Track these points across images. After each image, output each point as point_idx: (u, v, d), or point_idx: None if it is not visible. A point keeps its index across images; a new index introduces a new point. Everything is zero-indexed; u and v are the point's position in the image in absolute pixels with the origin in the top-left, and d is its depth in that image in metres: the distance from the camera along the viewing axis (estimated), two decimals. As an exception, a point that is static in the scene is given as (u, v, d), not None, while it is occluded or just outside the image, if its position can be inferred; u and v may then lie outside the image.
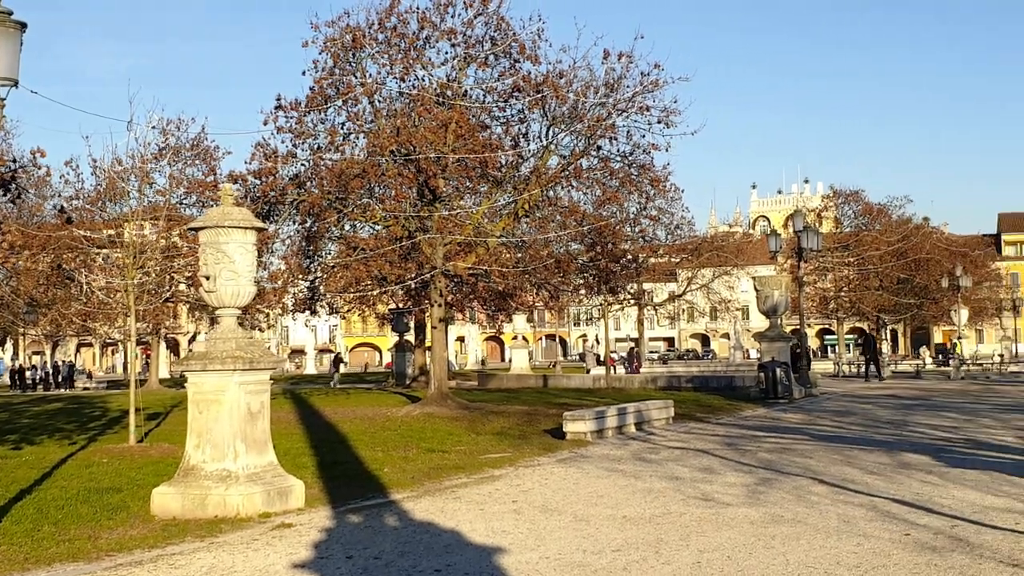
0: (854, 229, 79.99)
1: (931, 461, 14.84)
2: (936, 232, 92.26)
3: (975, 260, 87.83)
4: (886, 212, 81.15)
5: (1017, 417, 22.69)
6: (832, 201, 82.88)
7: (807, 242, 34.85)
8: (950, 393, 32.89)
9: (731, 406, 27.68)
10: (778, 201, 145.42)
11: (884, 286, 76.26)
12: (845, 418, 23.48)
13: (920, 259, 76.57)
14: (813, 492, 12.21)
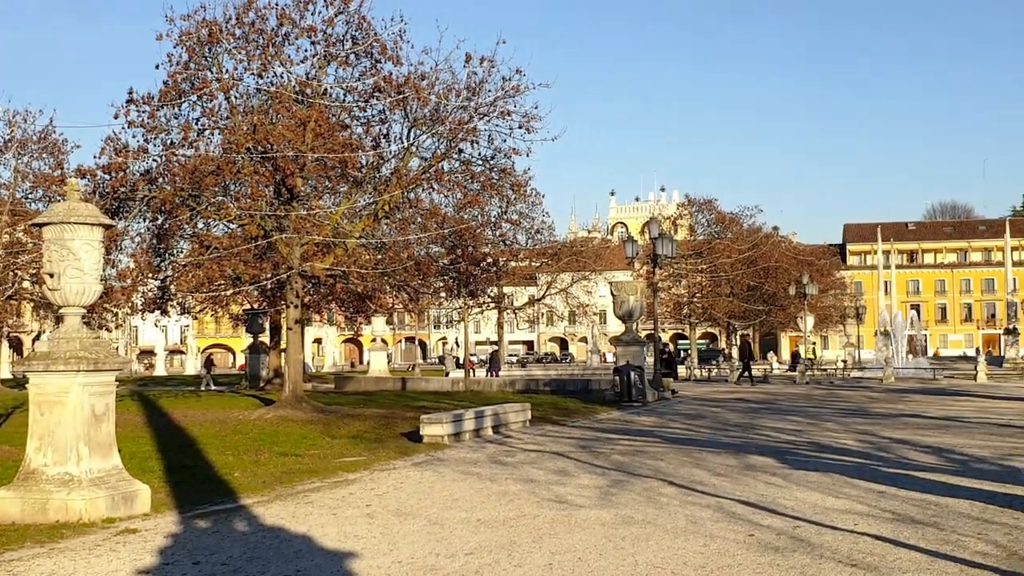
0: (707, 237, 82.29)
1: (776, 463, 15.35)
2: (785, 241, 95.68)
3: (821, 269, 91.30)
4: (738, 221, 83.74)
5: (858, 421, 23.69)
6: (687, 209, 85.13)
7: (662, 249, 35.64)
8: (795, 397, 34.09)
9: (587, 409, 28.08)
10: (636, 208, 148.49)
11: (735, 293, 78.67)
12: (696, 421, 24.10)
13: (769, 267, 79.23)
14: (663, 494, 12.49)
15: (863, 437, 19.59)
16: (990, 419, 23.56)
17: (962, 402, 30.32)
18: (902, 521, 10.48)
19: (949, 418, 23.99)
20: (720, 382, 47.19)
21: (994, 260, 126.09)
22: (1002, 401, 30.49)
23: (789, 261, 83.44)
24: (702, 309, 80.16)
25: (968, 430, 20.80)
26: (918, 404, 29.58)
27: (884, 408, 28.01)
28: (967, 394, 34.56)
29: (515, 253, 57.82)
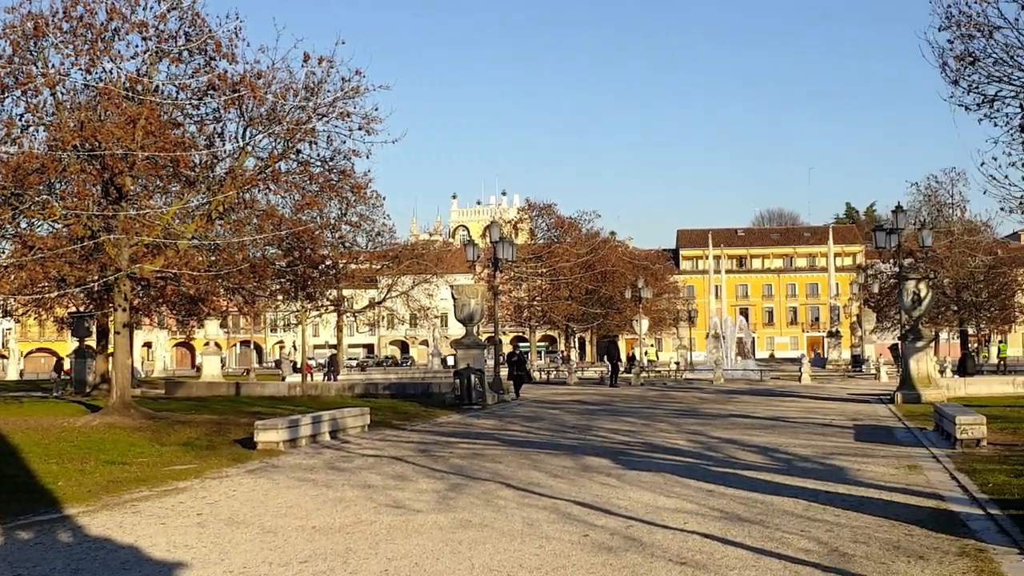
0: (547, 241, 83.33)
1: (611, 464, 15.68)
2: (621, 246, 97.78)
3: (656, 273, 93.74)
4: (577, 225, 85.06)
5: (689, 421, 24.41)
6: (527, 213, 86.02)
7: (503, 252, 35.92)
8: (630, 399, 34.87)
9: (427, 413, 28.06)
10: (477, 212, 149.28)
11: (573, 296, 79.89)
12: (534, 423, 24.38)
13: (606, 271, 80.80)
14: (501, 496, 12.59)
15: (694, 437, 20.20)
16: (814, 419, 24.63)
17: (788, 403, 31.59)
18: (730, 519, 10.85)
19: (775, 418, 24.96)
20: (559, 384, 47.85)
21: (818, 266, 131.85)
22: (825, 401, 31.92)
23: (625, 265, 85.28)
24: (542, 312, 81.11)
25: (793, 430, 21.70)
26: (746, 405, 30.67)
27: (714, 409, 28.93)
28: (792, 395, 36.04)
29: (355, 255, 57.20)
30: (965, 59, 18.44)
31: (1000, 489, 12.31)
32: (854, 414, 26.30)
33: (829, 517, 10.93)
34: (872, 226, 53.65)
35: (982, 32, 18.07)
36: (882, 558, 8.92)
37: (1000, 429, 19.69)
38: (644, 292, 61.86)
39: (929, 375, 31.37)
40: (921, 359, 31.29)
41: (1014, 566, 8.53)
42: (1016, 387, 33.10)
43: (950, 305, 62.88)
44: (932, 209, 63.33)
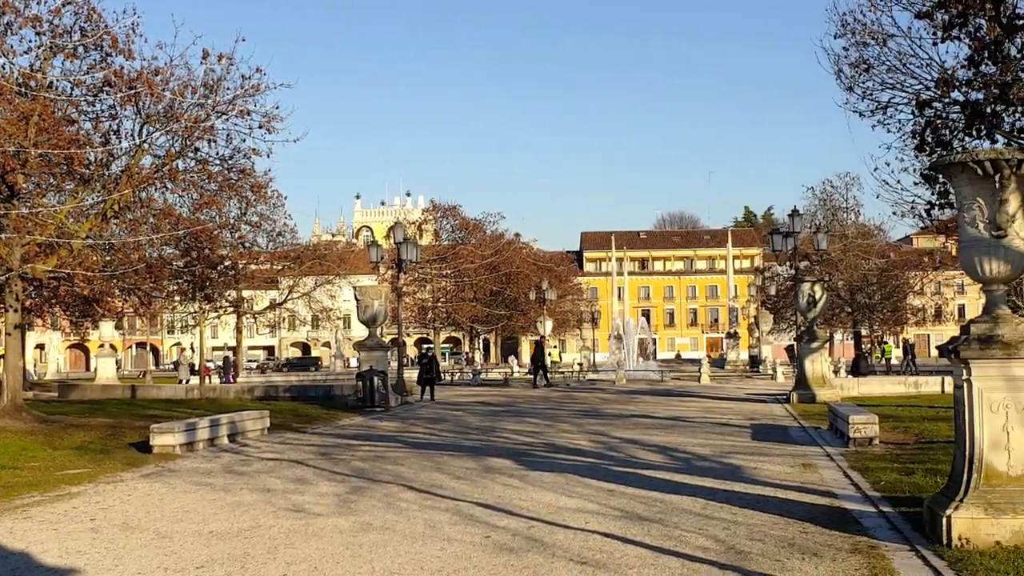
0: (452, 242, 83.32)
1: (513, 465, 15.74)
2: (526, 247, 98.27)
3: (560, 275, 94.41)
4: (481, 227, 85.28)
5: (591, 422, 24.62)
6: (432, 214, 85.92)
7: (407, 253, 35.78)
8: (534, 400, 35.04)
9: (328, 415, 27.79)
10: (381, 212, 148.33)
11: (478, 297, 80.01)
12: (438, 425, 24.33)
13: (511, 272, 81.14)
14: (403, 499, 12.54)
15: (596, 437, 20.39)
16: (712, 419, 25.05)
17: (687, 403, 32.07)
18: (630, 518, 10.98)
19: (675, 418, 25.32)
20: (463, 386, 47.84)
21: (718, 268, 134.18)
22: (723, 401, 32.49)
23: (530, 267, 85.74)
24: (446, 313, 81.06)
25: (692, 429, 22.05)
26: (647, 405, 31.05)
27: (616, 409, 29.23)
28: (692, 395, 36.60)
29: (255, 256, 56.51)
30: (859, 66, 18.95)
31: (892, 487, 12.68)
32: (751, 414, 26.83)
33: (726, 515, 11.13)
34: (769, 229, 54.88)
35: (876, 40, 18.59)
36: (777, 555, 9.12)
37: (892, 428, 20.30)
38: (548, 293, 62.22)
39: (823, 375, 32.16)
40: (816, 360, 32.06)
41: (905, 563, 8.79)
42: (908, 387, 34.15)
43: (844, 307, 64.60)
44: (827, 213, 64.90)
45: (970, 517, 9.13)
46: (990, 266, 9.50)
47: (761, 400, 32.79)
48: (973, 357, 9.46)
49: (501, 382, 51.25)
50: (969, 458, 9.44)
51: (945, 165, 9.86)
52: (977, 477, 9.34)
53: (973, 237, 9.57)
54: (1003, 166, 9.28)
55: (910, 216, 20.71)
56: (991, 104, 15.61)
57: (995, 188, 9.35)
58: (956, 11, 14.38)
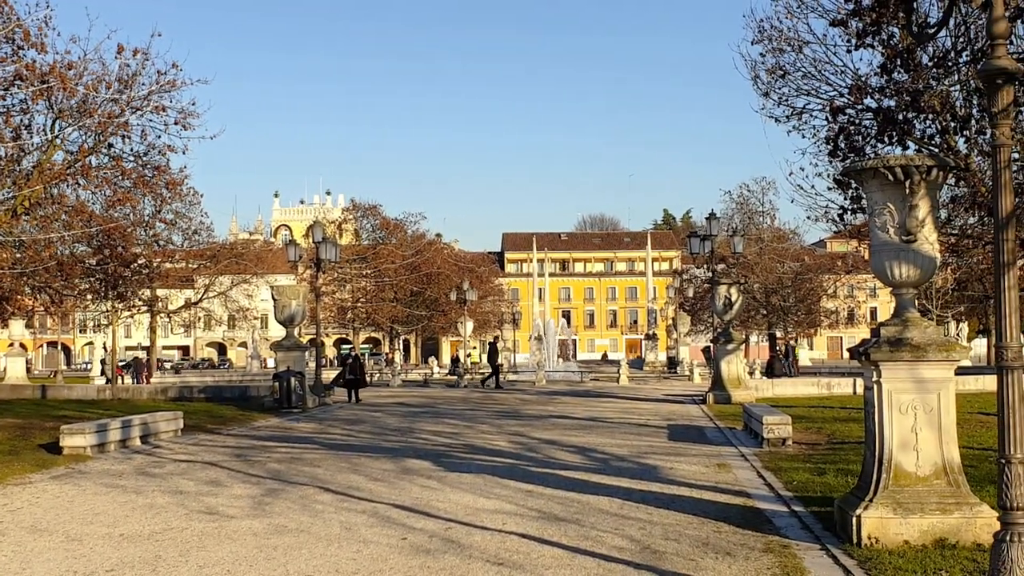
0: (372, 242, 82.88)
1: (432, 466, 15.69)
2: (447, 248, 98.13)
3: (481, 275, 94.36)
4: (402, 227, 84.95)
5: (511, 423, 24.65)
6: (352, 214, 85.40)
7: (326, 253, 35.44)
8: (453, 401, 34.99)
9: (244, 416, 27.43)
10: (300, 211, 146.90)
11: (398, 298, 79.67)
12: (356, 426, 24.16)
13: (432, 273, 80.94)
14: (319, 501, 12.42)
15: (515, 438, 20.43)
16: (630, 419, 25.25)
17: (606, 403, 32.29)
18: (547, 519, 11.02)
19: (594, 419, 25.48)
20: (382, 387, 47.58)
21: (637, 270, 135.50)
22: (641, 402, 32.78)
23: (451, 267, 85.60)
24: (366, 314, 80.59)
25: (610, 430, 22.21)
26: (566, 406, 31.20)
27: (535, 410, 29.32)
28: (611, 396, 36.87)
29: (170, 254, 55.57)
30: (776, 72, 19.23)
31: (804, 487, 12.91)
32: (668, 414, 27.12)
33: (642, 515, 11.23)
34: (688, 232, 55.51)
35: (792, 47, 18.89)
36: (692, 555, 9.22)
37: (805, 428, 20.67)
38: (469, 294, 62.17)
39: (739, 376, 32.62)
40: (732, 361, 32.50)
41: (816, 561, 8.95)
42: (820, 388, 34.79)
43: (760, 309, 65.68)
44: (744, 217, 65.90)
45: (879, 516, 9.33)
46: (900, 270, 9.71)
47: (678, 401, 33.16)
48: (883, 359, 9.65)
49: (421, 383, 51.07)
50: (879, 458, 9.64)
51: (857, 171, 10.03)
52: (886, 477, 9.54)
53: (884, 242, 9.76)
54: (913, 172, 9.48)
55: (823, 220, 21.09)
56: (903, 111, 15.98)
57: (905, 194, 9.55)
58: (870, 19, 14.65)
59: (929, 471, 9.51)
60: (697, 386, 43.22)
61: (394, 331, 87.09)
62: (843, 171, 11.00)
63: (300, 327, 33.94)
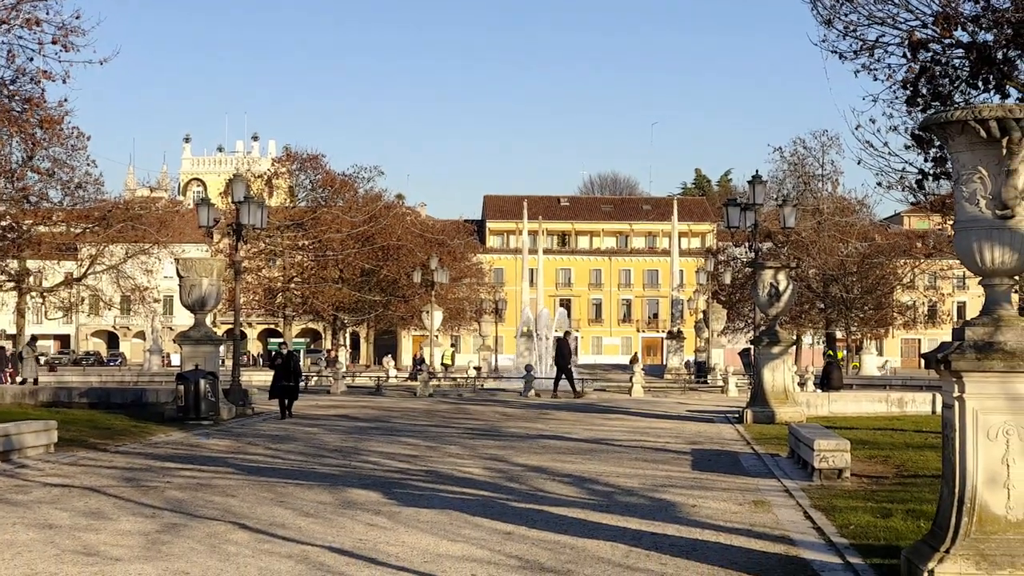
0: (312, 203, 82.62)
1: (382, 499, 15.75)
2: (411, 213, 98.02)
3: (455, 251, 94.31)
4: (351, 184, 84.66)
5: (488, 444, 24.73)
6: (286, 166, 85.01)
7: (250, 216, 35.35)
8: (414, 414, 35.03)
9: (139, 428, 27.44)
10: (218, 161, 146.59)
11: (345, 278, 79.49)
12: (284, 445, 24.19)
13: (390, 246, 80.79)
14: (232, 541, 12.45)
15: (493, 464, 20.50)
16: (644, 442, 25.36)
17: (613, 421, 32.39)
18: (530, 569, 11.08)
19: (596, 441, 25.58)
20: (321, 393, 47.61)
21: (659, 248, 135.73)
22: (659, 420, 32.90)
23: (415, 239, 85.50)
24: (302, 298, 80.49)
25: (617, 455, 22.29)
26: (562, 423, 31.28)
27: (521, 428, 29.41)
28: (620, 411, 36.97)
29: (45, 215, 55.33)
30: (842, -8, 19.28)
31: (863, 532, 13.00)
32: (694, 436, 27.22)
33: (653, 566, 11.29)
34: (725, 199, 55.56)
35: (864, -41, 18.92)
36: (715, 618, 9.29)
37: (868, 457, 20.79)
38: (438, 275, 62.22)
39: (786, 389, 32.77)
40: (777, 368, 32.62)
41: (874, 629, 9.03)
42: (890, 405, 34.99)
43: (816, 302, 65.93)
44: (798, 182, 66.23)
45: (958, 572, 9.40)
46: (992, 254, 9.71)
47: (707, 419, 33.28)
48: (967, 369, 9.68)
49: (372, 390, 51.11)
50: (959, 497, 9.69)
51: (940, 124, 10.01)
52: (968, 522, 9.59)
53: (972, 217, 9.78)
54: (1013, 127, 9.46)
55: (898, 188, 21.22)
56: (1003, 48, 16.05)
57: (1002, 155, 9.53)
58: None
59: (1023, 514, 9.58)
60: (732, 400, 43.41)
61: (338, 321, 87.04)
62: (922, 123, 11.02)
63: (214, 314, 33.94)
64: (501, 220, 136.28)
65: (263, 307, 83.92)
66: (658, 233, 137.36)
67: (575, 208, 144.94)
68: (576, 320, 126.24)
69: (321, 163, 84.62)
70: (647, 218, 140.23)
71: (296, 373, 34.50)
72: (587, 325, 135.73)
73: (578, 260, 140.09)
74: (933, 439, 22.66)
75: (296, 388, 34.47)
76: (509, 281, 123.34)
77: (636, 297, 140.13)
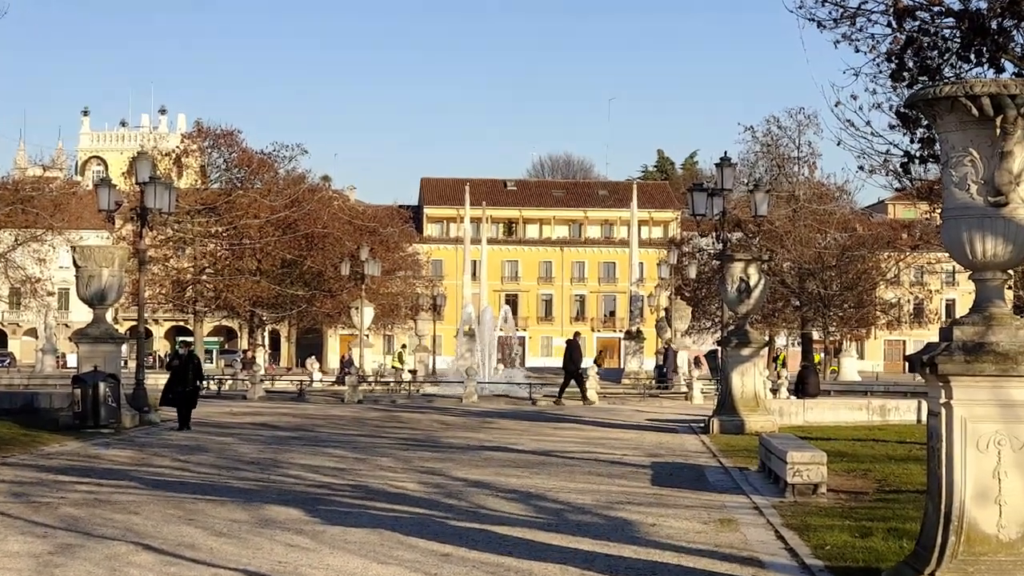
0: (226, 185, 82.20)
1: (305, 516, 15.72)
2: (338, 198, 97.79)
3: (388, 240, 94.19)
4: (271, 164, 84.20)
5: (424, 455, 24.74)
6: (197, 142, 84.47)
7: (156, 200, 35.12)
8: (342, 422, 34.97)
9: (29, 438, 27.22)
10: (121, 137, 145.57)
11: (264, 269, 79.15)
12: (194, 456, 24.09)
13: (315, 234, 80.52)
14: (135, 563, 12.41)
15: (429, 478, 20.52)
16: (599, 454, 25.43)
17: (565, 431, 32.47)
18: (470, 594, 11.11)
19: (546, 452, 25.64)
20: (237, 398, 47.42)
21: (616, 237, 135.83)
22: (616, 430, 32.98)
23: (343, 227, 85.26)
24: (215, 292, 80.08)
25: (569, 469, 22.37)
26: (508, 433, 31.35)
27: (462, 438, 29.45)
28: (573, 420, 37.05)
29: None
30: (819, -47, 19.40)
31: (840, 553, 13.10)
32: (654, 448, 27.35)
33: (608, 592, 11.35)
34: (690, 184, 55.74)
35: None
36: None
37: (846, 471, 20.96)
38: (369, 267, 62.10)
39: (757, 395, 32.93)
40: (747, 372, 32.77)
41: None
42: (871, 413, 35.25)
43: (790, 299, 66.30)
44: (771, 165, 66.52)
45: (944, 598, 9.50)
46: (983, 245, 9.79)
47: (669, 429, 33.42)
48: (955, 373, 9.75)
49: (294, 395, 50.95)
50: (946, 514, 9.78)
51: (928, 100, 10.08)
52: (955, 541, 9.68)
53: (962, 204, 9.86)
54: (1008, 105, 9.52)
55: (882, 172, 21.38)
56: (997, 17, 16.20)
57: (995, 136, 9.60)
58: None
59: (1016, 534, 9.67)
60: (698, 408, 43.57)
61: (256, 318, 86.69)
62: (908, 100, 11.12)
63: (116, 309, 33.74)
64: (440, 206, 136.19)
65: (171, 302, 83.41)
66: (615, 221, 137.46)
67: (523, 193, 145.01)
68: (523, 318, 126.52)
69: (237, 140, 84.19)
70: (603, 204, 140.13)
71: (196, 376, 33.70)
72: (535, 323, 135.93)
73: (526, 251, 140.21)
74: (918, 451, 22.87)
75: (195, 394, 33.51)
76: (449, 274, 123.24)
77: (591, 292, 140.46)
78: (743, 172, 63.47)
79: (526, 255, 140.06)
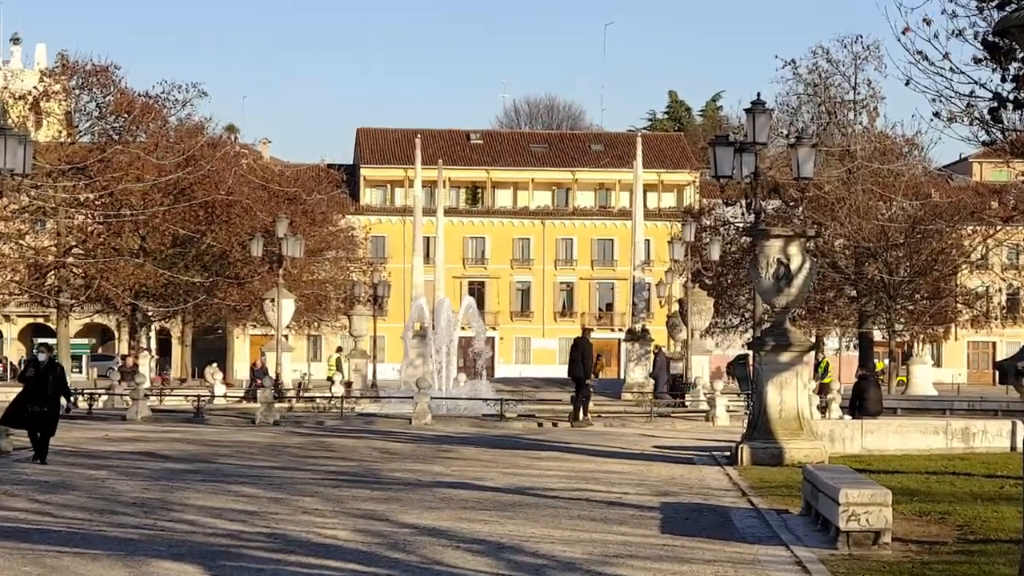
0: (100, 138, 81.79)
1: (204, 575, 15.68)
2: (249, 155, 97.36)
3: (313, 210, 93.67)
4: (160, 111, 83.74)
5: (361, 494, 24.72)
6: (61, 81, 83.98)
7: (5, 158, 35.11)
8: (253, 451, 34.97)
9: None
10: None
11: (149, 249, 78.86)
12: (57, 496, 24.05)
13: (216, 202, 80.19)
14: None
15: (368, 524, 20.50)
16: (591, 492, 25.47)
17: (547, 461, 32.49)
18: None
19: (522, 490, 25.66)
20: (114, 419, 47.36)
21: (614, 206, 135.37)
22: (614, 460, 33.03)
23: (254, 192, 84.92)
24: (85, 278, 79.81)
25: (552, 512, 22.40)
26: (472, 464, 31.38)
27: (411, 471, 29.45)
28: (557, 446, 37.08)
29: None
30: None
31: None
32: (664, 484, 27.39)
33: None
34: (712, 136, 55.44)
35: None
36: None
37: (917, 514, 21.01)
38: (289, 246, 62.01)
39: (800, 414, 32.91)
40: (788, 385, 32.73)
41: None
42: (950, 437, 35.29)
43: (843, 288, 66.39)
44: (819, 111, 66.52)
45: None
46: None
47: (684, 459, 33.49)
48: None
49: (191, 415, 50.90)
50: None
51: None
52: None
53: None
54: None
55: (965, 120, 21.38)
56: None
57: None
58: None
59: None
60: (722, 430, 43.69)
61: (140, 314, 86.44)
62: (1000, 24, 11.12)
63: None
64: (383, 165, 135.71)
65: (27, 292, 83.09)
66: (613, 185, 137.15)
67: (492, 148, 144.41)
68: (493, 313, 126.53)
69: (113, 78, 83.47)
70: (598, 163, 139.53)
71: (59, 390, 32.46)
72: (509, 320, 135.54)
73: (496, 224, 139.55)
74: (1012, 487, 22.97)
75: (55, 415, 32.07)
76: (394, 255, 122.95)
77: (581, 279, 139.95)
78: (782, 121, 63.48)
79: (496, 230, 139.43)
